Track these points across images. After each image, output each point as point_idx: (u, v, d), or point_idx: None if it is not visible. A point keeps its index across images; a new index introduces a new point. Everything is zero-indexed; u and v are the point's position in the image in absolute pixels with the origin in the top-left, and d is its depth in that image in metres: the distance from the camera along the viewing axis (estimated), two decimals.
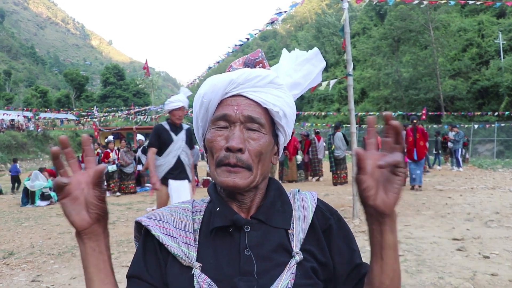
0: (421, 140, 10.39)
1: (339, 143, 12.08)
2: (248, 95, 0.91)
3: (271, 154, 0.96)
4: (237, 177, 0.87)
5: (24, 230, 7.04)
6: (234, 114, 0.89)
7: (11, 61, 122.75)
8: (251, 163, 0.88)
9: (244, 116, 0.89)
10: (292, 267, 0.86)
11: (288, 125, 0.97)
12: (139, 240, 0.96)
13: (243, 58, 1.02)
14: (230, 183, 0.87)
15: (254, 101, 0.92)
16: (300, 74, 1.06)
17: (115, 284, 0.86)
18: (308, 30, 77.72)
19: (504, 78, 29.16)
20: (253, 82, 0.92)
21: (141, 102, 63.02)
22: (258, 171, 0.90)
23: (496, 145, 25.12)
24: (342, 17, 6.84)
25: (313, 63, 1.08)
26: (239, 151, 0.87)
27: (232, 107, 0.90)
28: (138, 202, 10.10)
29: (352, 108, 6.87)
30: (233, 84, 0.91)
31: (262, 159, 0.91)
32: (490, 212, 7.08)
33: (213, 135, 0.91)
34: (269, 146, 0.93)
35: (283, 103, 0.94)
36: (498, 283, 3.77)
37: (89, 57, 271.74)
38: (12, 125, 38.20)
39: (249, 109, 0.90)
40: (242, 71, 0.93)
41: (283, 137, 0.99)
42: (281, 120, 0.94)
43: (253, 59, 1.01)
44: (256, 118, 0.90)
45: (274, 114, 0.93)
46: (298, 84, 1.05)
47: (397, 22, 36.28)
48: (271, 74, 0.95)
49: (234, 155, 0.87)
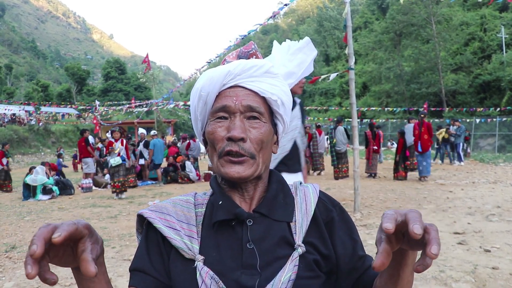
0: (425, 134, 10.88)
1: (340, 137, 12.07)
2: (245, 85, 0.92)
3: (271, 143, 0.96)
4: (242, 167, 0.88)
5: (26, 224, 7.06)
6: (233, 104, 0.90)
7: (12, 55, 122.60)
8: (253, 151, 0.89)
9: (244, 106, 0.90)
10: (294, 260, 0.86)
11: (286, 114, 0.99)
12: (142, 233, 0.96)
13: (237, 51, 1.03)
14: (234, 174, 0.87)
15: (252, 90, 0.92)
16: (294, 63, 1.07)
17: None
18: (310, 24, 77.40)
19: (506, 72, 29.04)
20: (249, 72, 0.92)
21: (143, 96, 62.99)
22: (260, 159, 0.91)
23: (497, 140, 25.08)
24: (344, 10, 6.81)
25: (305, 52, 1.10)
26: (241, 140, 0.87)
27: (231, 98, 0.90)
28: (140, 196, 10.12)
29: (353, 102, 6.85)
30: (231, 75, 0.91)
31: (264, 147, 0.91)
32: (491, 206, 7.09)
33: (213, 127, 0.91)
34: (270, 134, 0.94)
35: (280, 92, 0.95)
36: (499, 277, 3.77)
37: (90, 51, 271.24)
38: (14, 119, 38.23)
39: (248, 98, 0.91)
40: (239, 62, 0.94)
41: (282, 126, 0.99)
42: (279, 108, 0.95)
43: (247, 52, 1.01)
44: (255, 107, 0.90)
45: (272, 103, 0.94)
46: (293, 73, 1.06)
47: (399, 16, 36.12)
48: (267, 63, 0.95)
49: (236, 144, 0.87)
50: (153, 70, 29.49)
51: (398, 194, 8.84)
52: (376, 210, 7.10)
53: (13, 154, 29.17)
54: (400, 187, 9.81)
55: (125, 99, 60.05)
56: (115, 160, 10.01)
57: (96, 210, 8.15)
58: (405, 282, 0.79)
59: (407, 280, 0.79)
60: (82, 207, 8.55)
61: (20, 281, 4.15)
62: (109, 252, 5.07)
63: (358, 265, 0.93)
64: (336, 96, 51.10)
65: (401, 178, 11.30)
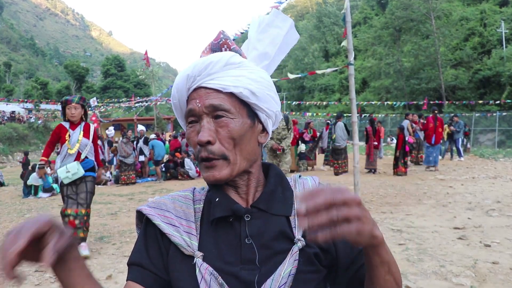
0: (439, 127, 12.08)
1: (340, 133, 12.07)
2: (206, 85, 0.89)
3: (251, 135, 0.92)
4: (215, 170, 0.87)
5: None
6: (197, 107, 0.89)
7: (11, 52, 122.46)
8: (224, 151, 0.87)
9: (206, 107, 0.88)
10: (294, 254, 0.85)
11: (263, 101, 0.93)
12: (140, 228, 0.95)
13: (209, 45, 0.99)
14: (210, 178, 0.88)
15: (214, 89, 0.89)
16: (266, 42, 0.99)
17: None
18: (309, 20, 77.24)
19: (506, 67, 29.01)
20: (207, 71, 0.89)
21: (142, 93, 62.92)
22: (237, 156, 0.88)
23: (497, 135, 25.09)
24: (344, 5, 6.78)
25: (277, 24, 1.01)
26: (208, 143, 0.86)
27: (195, 100, 0.89)
28: (140, 193, 10.12)
29: (353, 98, 6.84)
30: (190, 79, 0.90)
31: (238, 143, 0.88)
32: (491, 201, 7.09)
33: (188, 132, 0.92)
34: (242, 128, 0.89)
35: (246, 81, 0.90)
36: (499, 271, 3.78)
37: (89, 48, 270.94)
38: (13, 117, 38.18)
39: (210, 98, 0.88)
40: (195, 62, 0.92)
41: (263, 113, 0.94)
42: (249, 98, 0.90)
43: (217, 43, 0.97)
44: (218, 105, 0.88)
45: (240, 95, 0.90)
46: (266, 54, 0.99)
47: (399, 12, 36.08)
48: (225, 55, 0.91)
49: (204, 149, 0.87)
50: (152, 67, 29.49)
51: (398, 189, 8.85)
52: (376, 206, 7.11)
53: (13, 152, 29.19)
54: (400, 183, 9.81)
55: (124, 96, 60.05)
56: (65, 173, 4.70)
57: (96, 207, 8.15)
58: (382, 282, 0.82)
59: (384, 279, 0.82)
60: None
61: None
62: (109, 249, 5.07)
63: (359, 258, 0.92)
64: (336, 92, 51.14)
65: (401, 173, 11.31)
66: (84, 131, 4.95)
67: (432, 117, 12.11)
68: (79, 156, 4.86)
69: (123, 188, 11.34)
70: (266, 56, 0.99)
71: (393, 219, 6.03)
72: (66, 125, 4.92)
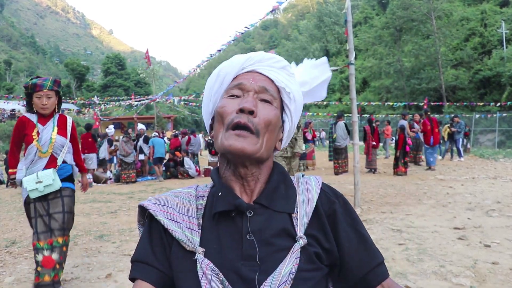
0: (435, 128, 12.23)
1: (341, 133, 12.07)
2: (263, 72, 0.95)
3: (277, 133, 0.96)
4: (245, 141, 0.86)
5: (26, 219, 7.03)
6: (249, 83, 0.93)
7: (11, 50, 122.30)
8: (260, 128, 0.88)
9: (259, 86, 0.92)
10: (296, 252, 0.85)
11: (296, 112, 0.99)
12: (144, 225, 0.96)
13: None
14: (238, 146, 0.85)
15: (269, 77, 0.95)
16: (309, 76, 1.11)
17: None
18: (310, 19, 77.08)
19: (506, 68, 29.00)
20: (268, 62, 0.96)
21: (142, 92, 62.89)
22: (264, 141, 0.89)
23: (497, 135, 25.09)
24: (345, 4, 6.78)
25: (320, 70, 1.14)
26: (251, 113, 0.88)
27: (248, 78, 0.94)
28: (140, 192, 10.12)
29: (353, 98, 6.83)
30: (251, 61, 0.96)
31: (270, 130, 0.90)
32: (491, 202, 7.09)
33: (225, 102, 0.93)
34: (278, 121, 0.94)
35: (295, 88, 0.98)
36: (498, 272, 3.78)
37: (89, 46, 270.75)
38: (13, 115, 38.14)
39: (263, 82, 0.94)
40: (260, 52, 0.99)
41: (289, 124, 0.99)
42: (290, 102, 0.97)
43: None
44: (270, 90, 0.93)
45: (285, 94, 0.96)
46: (306, 83, 1.10)
47: (399, 11, 36.05)
48: (286, 61, 1.00)
49: (246, 116, 0.87)
50: (153, 65, 29.48)
51: (398, 189, 8.85)
52: (376, 205, 7.11)
53: None
54: (400, 183, 9.81)
55: (125, 94, 59.96)
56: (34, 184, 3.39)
57: (96, 205, 8.16)
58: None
59: None
60: (82, 202, 8.54)
61: (21, 276, 4.16)
62: (109, 247, 5.07)
63: (365, 260, 0.91)
64: (336, 91, 51.09)
65: (401, 173, 11.30)
66: (59, 126, 3.57)
67: (427, 119, 12.34)
68: (53, 161, 3.50)
69: (123, 187, 11.34)
70: (306, 84, 1.10)
71: (393, 219, 6.03)
72: (32, 118, 3.53)
